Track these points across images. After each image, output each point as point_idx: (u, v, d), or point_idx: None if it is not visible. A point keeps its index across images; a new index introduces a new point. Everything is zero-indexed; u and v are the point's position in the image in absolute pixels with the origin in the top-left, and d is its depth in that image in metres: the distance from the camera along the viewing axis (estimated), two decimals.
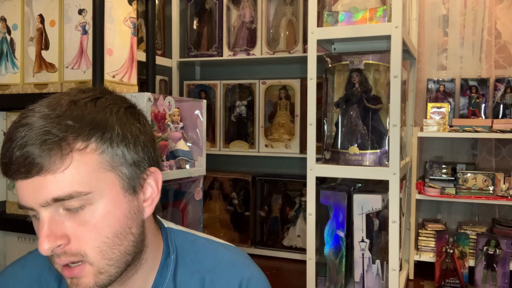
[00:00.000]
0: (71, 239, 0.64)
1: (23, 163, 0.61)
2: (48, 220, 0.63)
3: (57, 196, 0.62)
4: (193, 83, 3.22)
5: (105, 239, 0.65)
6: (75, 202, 0.63)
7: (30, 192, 0.63)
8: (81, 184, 0.63)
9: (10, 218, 1.50)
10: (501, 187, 2.48)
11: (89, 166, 0.63)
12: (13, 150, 0.62)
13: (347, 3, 2.00)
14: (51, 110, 0.64)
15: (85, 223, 0.64)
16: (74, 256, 0.64)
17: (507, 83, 2.65)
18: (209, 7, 3.10)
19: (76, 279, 0.65)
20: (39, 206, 0.63)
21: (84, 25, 1.39)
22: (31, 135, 0.61)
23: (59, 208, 0.63)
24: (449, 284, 2.46)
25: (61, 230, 0.63)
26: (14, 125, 0.64)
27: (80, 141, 0.63)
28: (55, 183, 0.62)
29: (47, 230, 0.63)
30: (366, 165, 1.97)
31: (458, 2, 2.75)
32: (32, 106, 0.66)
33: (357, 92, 2.03)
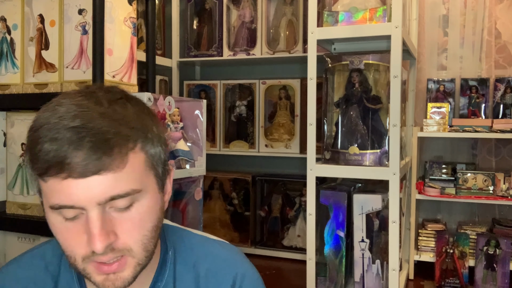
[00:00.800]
0: (119, 235, 0.65)
1: (81, 163, 0.61)
2: (100, 218, 0.63)
3: (116, 194, 0.63)
4: (193, 83, 3.22)
5: (147, 233, 0.68)
6: (126, 201, 0.65)
7: (85, 191, 0.62)
8: (135, 182, 0.65)
9: (10, 218, 1.51)
10: (501, 187, 2.48)
11: (139, 165, 0.66)
12: (69, 150, 0.61)
13: (347, 3, 2.00)
14: (100, 111, 0.64)
15: (132, 219, 0.66)
16: (121, 252, 0.66)
17: (507, 83, 2.65)
18: (209, 7, 3.10)
19: (114, 275, 0.66)
20: (94, 205, 0.63)
21: (84, 25, 1.39)
22: (88, 135, 0.61)
23: (107, 206, 0.64)
24: (449, 284, 2.46)
25: (110, 227, 0.64)
26: (59, 124, 0.62)
27: (132, 141, 0.65)
28: (114, 182, 0.63)
29: (101, 228, 0.63)
30: (366, 165, 1.97)
31: (458, 2, 2.75)
32: (70, 102, 0.65)
33: (357, 92, 2.03)
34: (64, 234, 0.66)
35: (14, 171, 1.53)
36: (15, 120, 1.53)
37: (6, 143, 1.56)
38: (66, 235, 0.66)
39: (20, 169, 1.53)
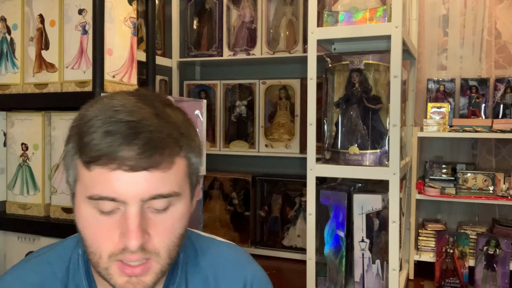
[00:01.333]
0: (151, 236, 0.65)
1: (134, 157, 0.61)
2: (139, 215, 0.64)
3: (159, 193, 0.64)
4: (193, 83, 3.22)
5: (175, 239, 0.68)
6: (165, 203, 0.65)
7: (131, 186, 0.63)
8: (178, 186, 0.66)
9: (10, 218, 1.51)
10: (501, 187, 2.48)
11: (182, 170, 0.67)
12: (123, 142, 0.61)
13: (347, 3, 2.00)
14: (155, 112, 0.65)
15: (165, 222, 0.66)
16: (149, 254, 0.65)
17: (507, 83, 2.65)
18: (209, 7, 3.10)
19: (137, 278, 0.66)
20: (136, 201, 0.63)
21: (84, 25, 1.39)
22: (144, 131, 0.62)
23: (146, 205, 0.64)
24: (449, 284, 2.46)
25: (145, 226, 0.64)
26: (115, 117, 0.63)
27: (180, 146, 0.66)
28: (161, 181, 0.64)
29: (139, 225, 0.63)
30: (366, 165, 1.97)
31: (458, 2, 2.75)
32: (124, 99, 0.66)
33: (357, 92, 2.03)
34: (94, 228, 0.65)
35: (14, 171, 1.53)
36: (15, 120, 1.53)
37: (6, 143, 1.56)
38: (96, 229, 0.65)
39: (20, 169, 1.53)
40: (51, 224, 1.44)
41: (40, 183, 1.49)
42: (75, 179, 0.68)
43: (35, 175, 1.50)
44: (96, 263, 0.67)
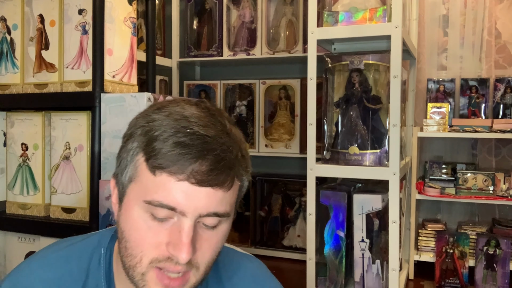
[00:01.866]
0: (197, 251, 0.65)
1: (203, 172, 0.62)
2: (193, 229, 0.64)
3: (217, 211, 0.64)
4: (193, 83, 3.22)
5: (214, 256, 0.69)
6: (216, 221, 0.66)
7: (194, 199, 0.63)
8: (230, 207, 0.67)
9: (10, 218, 1.51)
10: (501, 187, 2.48)
11: (236, 192, 0.68)
12: (196, 156, 0.62)
13: (347, 3, 2.00)
14: (225, 130, 0.66)
15: (211, 239, 0.67)
16: (191, 267, 0.65)
17: (507, 83, 2.65)
18: (209, 7, 3.10)
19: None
20: (195, 214, 0.63)
21: (84, 25, 1.39)
22: (217, 149, 0.63)
23: (200, 220, 0.65)
24: (449, 284, 2.46)
25: (194, 242, 0.64)
26: (190, 128, 0.63)
27: (241, 168, 0.67)
28: (221, 200, 0.64)
29: (191, 239, 0.63)
30: (366, 165, 1.97)
31: (458, 2, 2.75)
32: (195, 110, 0.66)
33: (357, 92, 2.03)
34: (142, 232, 0.65)
35: (14, 171, 1.53)
36: (15, 120, 1.53)
37: (6, 143, 1.56)
38: (145, 233, 0.64)
39: (20, 169, 1.53)
40: (51, 224, 1.44)
41: (40, 183, 1.49)
42: (131, 179, 0.67)
43: (35, 175, 1.50)
44: (133, 267, 0.66)
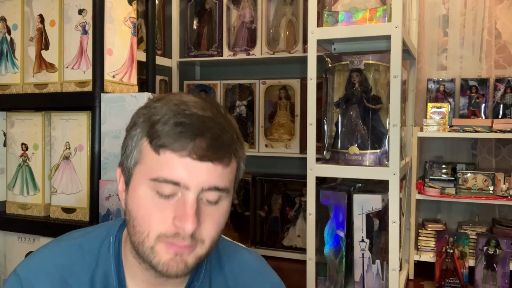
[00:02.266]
0: (201, 226, 0.70)
1: (203, 148, 0.68)
2: (196, 202, 0.69)
3: (218, 185, 0.70)
4: (193, 83, 3.22)
5: (218, 232, 0.74)
6: (217, 196, 0.71)
7: (197, 174, 0.68)
8: (231, 182, 0.73)
9: (10, 218, 1.51)
10: (501, 187, 2.48)
11: (234, 171, 0.74)
12: (196, 133, 0.68)
13: (347, 3, 2.00)
14: (221, 113, 0.73)
15: (213, 215, 0.72)
16: (196, 241, 0.71)
17: (507, 83, 2.65)
18: (209, 7, 3.10)
19: (181, 257, 0.70)
20: (198, 188, 0.69)
21: (84, 25, 1.39)
22: (214, 127, 0.70)
23: (205, 196, 0.71)
24: (449, 284, 2.46)
25: (198, 215, 0.70)
26: (189, 110, 0.70)
27: (236, 148, 0.73)
28: (221, 175, 0.70)
29: (195, 211, 0.69)
30: (366, 165, 1.97)
31: (458, 2, 2.75)
32: (192, 98, 0.73)
33: (357, 92, 2.03)
34: (149, 209, 0.70)
35: (14, 171, 1.53)
36: (15, 120, 1.53)
37: (6, 143, 1.56)
38: (152, 210, 0.69)
39: (20, 169, 1.53)
40: (51, 224, 1.44)
41: (40, 183, 1.49)
42: (136, 161, 0.72)
43: (35, 175, 1.50)
44: (141, 243, 0.71)
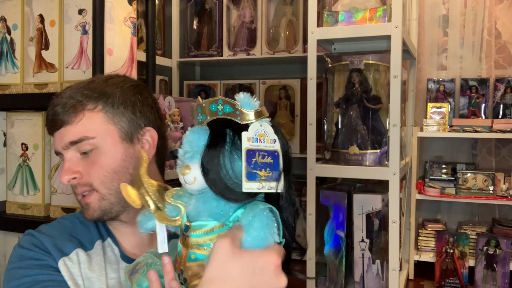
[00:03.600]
0: (83, 175, 0.89)
1: (53, 120, 0.90)
2: (68, 160, 0.89)
3: (71, 140, 0.88)
4: (193, 83, 3.22)
5: (106, 173, 0.89)
6: (87, 146, 0.88)
7: (58, 140, 0.90)
8: (89, 132, 0.88)
9: (10, 218, 1.51)
10: (501, 187, 2.48)
11: (96, 120, 0.89)
12: (48, 112, 0.91)
13: (347, 3, 2.00)
14: (76, 85, 0.93)
15: (93, 162, 0.89)
16: (85, 186, 0.89)
17: (507, 83, 2.65)
18: (209, 7, 3.10)
19: (86, 204, 0.91)
20: (61, 149, 0.90)
21: (84, 25, 1.39)
22: (58, 100, 0.90)
23: (76, 152, 0.89)
24: (449, 284, 2.46)
25: (76, 167, 0.89)
26: (58, 97, 0.92)
27: (90, 103, 0.89)
28: (71, 131, 0.88)
29: (67, 166, 0.88)
30: (366, 165, 1.97)
31: (458, 2, 2.75)
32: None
33: (357, 92, 2.03)
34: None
35: (14, 171, 1.53)
36: (15, 120, 1.53)
37: (6, 143, 1.56)
38: None
39: (20, 169, 1.53)
40: None
41: (40, 183, 1.49)
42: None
43: (35, 175, 1.50)
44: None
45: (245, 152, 0.65)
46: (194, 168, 0.67)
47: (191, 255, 0.68)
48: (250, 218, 0.63)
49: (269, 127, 0.68)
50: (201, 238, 0.68)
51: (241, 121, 0.67)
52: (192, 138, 0.69)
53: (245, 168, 0.64)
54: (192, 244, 0.68)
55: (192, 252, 0.68)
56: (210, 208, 0.68)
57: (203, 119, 0.69)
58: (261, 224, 0.63)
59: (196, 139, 0.69)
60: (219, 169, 0.65)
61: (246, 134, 0.66)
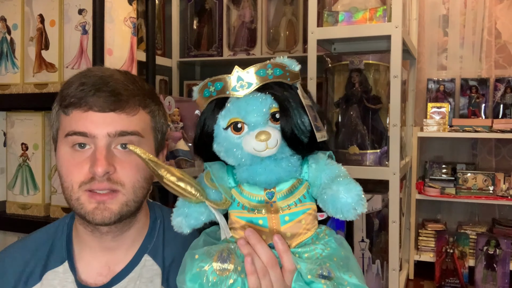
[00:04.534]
0: (117, 170, 0.77)
1: (104, 101, 0.76)
2: (105, 149, 0.76)
3: (125, 130, 0.77)
4: (193, 83, 3.21)
5: (139, 179, 0.79)
6: (128, 139, 0.78)
7: (101, 123, 0.76)
8: (141, 129, 0.80)
9: (10, 218, 1.50)
10: (501, 187, 2.48)
11: (146, 120, 0.82)
12: (95, 90, 0.76)
13: (347, 3, 2.00)
14: (124, 73, 0.83)
15: (130, 161, 0.78)
16: (115, 184, 0.77)
17: (507, 83, 2.65)
18: (209, 7, 3.10)
19: (104, 205, 0.77)
20: (104, 135, 0.76)
21: (84, 25, 1.39)
22: (117, 84, 0.78)
23: (116, 143, 0.77)
24: (449, 284, 2.46)
25: (111, 160, 0.76)
26: (88, 74, 0.79)
27: (143, 102, 0.81)
28: (127, 122, 0.77)
29: (105, 156, 0.75)
30: (366, 165, 1.97)
31: (458, 2, 2.76)
32: (96, 67, 0.92)
33: (357, 92, 2.03)
34: (68, 163, 0.78)
35: (14, 171, 1.53)
36: (15, 120, 1.53)
37: (6, 143, 1.56)
38: (70, 163, 0.78)
39: (20, 169, 1.53)
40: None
41: (40, 183, 1.50)
42: (57, 129, 0.81)
43: (35, 175, 1.50)
44: (69, 196, 0.78)
45: (307, 108, 0.69)
46: (272, 132, 0.66)
47: (285, 217, 0.69)
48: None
49: (299, 85, 0.72)
50: (288, 199, 0.69)
51: (290, 81, 0.70)
52: (253, 105, 0.67)
53: (312, 121, 0.69)
54: (281, 207, 0.69)
55: (284, 215, 0.69)
56: (283, 168, 0.69)
57: (248, 87, 0.68)
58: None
59: (259, 105, 0.67)
60: (295, 128, 0.67)
61: (299, 92, 0.70)
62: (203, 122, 0.71)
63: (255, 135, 0.66)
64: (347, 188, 0.64)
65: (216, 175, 0.70)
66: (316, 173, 0.69)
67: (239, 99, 0.68)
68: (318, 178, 0.69)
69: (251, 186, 0.70)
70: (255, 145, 0.66)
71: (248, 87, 0.68)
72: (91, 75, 0.78)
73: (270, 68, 0.69)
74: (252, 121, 0.67)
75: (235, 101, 0.68)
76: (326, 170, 0.69)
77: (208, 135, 0.71)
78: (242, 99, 0.68)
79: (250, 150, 0.67)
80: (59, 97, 0.81)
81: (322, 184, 0.68)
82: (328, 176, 0.68)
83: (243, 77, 0.68)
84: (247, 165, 0.69)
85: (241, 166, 0.70)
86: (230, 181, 0.72)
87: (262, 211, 0.69)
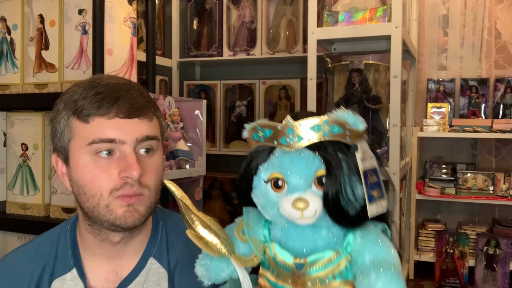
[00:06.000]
0: (144, 174, 0.78)
1: (128, 108, 0.77)
2: (134, 154, 0.78)
3: (149, 134, 0.80)
4: (193, 83, 3.22)
5: (159, 181, 0.82)
6: (150, 144, 0.80)
7: (128, 129, 0.77)
8: (157, 133, 0.82)
9: (10, 218, 1.51)
10: (501, 187, 2.48)
11: (157, 125, 0.84)
12: (120, 97, 0.78)
13: (347, 3, 2.00)
14: (128, 82, 0.86)
15: (152, 165, 0.80)
16: (143, 188, 0.78)
17: (507, 83, 2.65)
18: (209, 7, 3.10)
19: (134, 208, 0.78)
20: (133, 140, 0.78)
21: (84, 25, 1.39)
22: (133, 91, 0.81)
23: (140, 148, 0.79)
24: (449, 284, 2.46)
25: (140, 163, 0.77)
26: (101, 83, 0.80)
27: (154, 108, 0.84)
28: (149, 126, 0.80)
29: (136, 160, 0.77)
30: None
31: (458, 2, 2.75)
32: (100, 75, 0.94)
33: (357, 92, 2.03)
34: (95, 171, 0.77)
35: (14, 171, 1.53)
36: (15, 120, 1.53)
37: (6, 143, 1.56)
38: (97, 171, 0.77)
39: (20, 169, 1.53)
40: (51, 224, 1.43)
41: (40, 183, 1.49)
42: (70, 138, 0.80)
43: (35, 175, 1.50)
44: (96, 205, 0.77)
45: (363, 174, 0.59)
46: (312, 201, 0.59)
47: None
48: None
49: (365, 143, 0.63)
50: (323, 272, 0.60)
51: (350, 141, 0.61)
52: (298, 165, 0.60)
53: (366, 191, 0.59)
54: (312, 281, 0.60)
55: None
56: (321, 237, 0.61)
57: (298, 141, 0.60)
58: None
59: (304, 166, 0.60)
60: (341, 197, 0.59)
61: (358, 155, 0.60)
62: (249, 164, 0.67)
63: (292, 201, 0.59)
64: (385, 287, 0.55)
65: (251, 225, 0.64)
66: (360, 248, 0.59)
67: (285, 153, 0.61)
68: (360, 255, 0.59)
69: (282, 248, 0.63)
70: (290, 211, 0.59)
71: (298, 141, 0.60)
72: (103, 84, 0.79)
73: (328, 125, 0.61)
74: (293, 183, 0.60)
75: (281, 155, 0.62)
76: (372, 249, 0.59)
77: (249, 181, 0.65)
78: (287, 155, 0.61)
79: (285, 214, 0.60)
80: (71, 107, 0.79)
81: (362, 265, 0.58)
82: (372, 259, 0.58)
83: (294, 129, 0.60)
84: (283, 225, 0.63)
85: (276, 224, 0.64)
86: (265, 235, 0.65)
87: (288, 281, 0.61)
